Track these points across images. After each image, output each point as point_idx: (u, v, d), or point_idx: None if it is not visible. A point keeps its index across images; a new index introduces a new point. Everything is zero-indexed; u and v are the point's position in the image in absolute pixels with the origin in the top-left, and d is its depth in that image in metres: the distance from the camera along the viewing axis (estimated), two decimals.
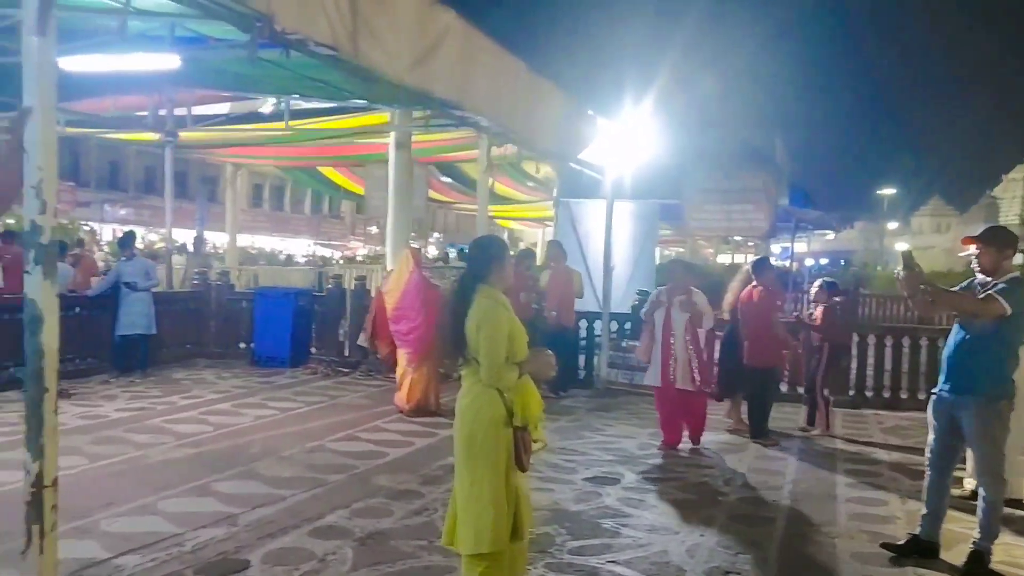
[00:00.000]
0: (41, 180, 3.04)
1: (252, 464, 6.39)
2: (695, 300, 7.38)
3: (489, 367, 3.46)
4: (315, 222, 49.97)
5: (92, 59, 7.30)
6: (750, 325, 7.99)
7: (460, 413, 3.62)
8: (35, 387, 3.10)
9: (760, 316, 7.90)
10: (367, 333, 9.47)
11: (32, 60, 3.01)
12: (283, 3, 4.15)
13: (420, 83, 5.71)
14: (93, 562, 4.29)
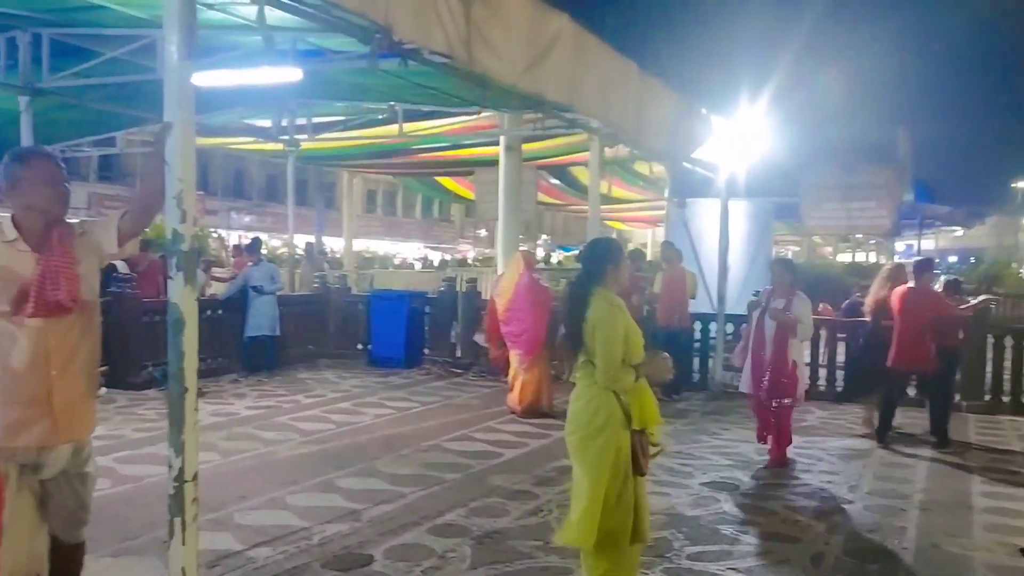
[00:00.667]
0: (181, 191, 3.19)
1: (372, 461, 6.59)
2: (792, 307, 6.70)
3: (605, 369, 3.45)
4: (425, 226, 51.03)
5: (221, 74, 7.68)
6: (904, 326, 7.61)
7: (575, 415, 3.62)
8: (177, 386, 3.25)
9: (915, 318, 7.51)
10: (485, 334, 9.63)
11: (173, 78, 3.18)
12: (401, 15, 4.26)
13: (532, 87, 5.75)
14: (228, 553, 4.52)
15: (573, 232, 51.15)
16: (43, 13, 8.38)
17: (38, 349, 2.99)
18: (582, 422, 3.55)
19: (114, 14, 8.05)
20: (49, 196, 3.10)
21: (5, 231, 3.04)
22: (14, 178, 3.08)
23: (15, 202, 3.10)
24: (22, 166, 3.11)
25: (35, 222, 3.07)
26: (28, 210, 3.08)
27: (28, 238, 3.04)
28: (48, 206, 3.10)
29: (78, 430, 3.17)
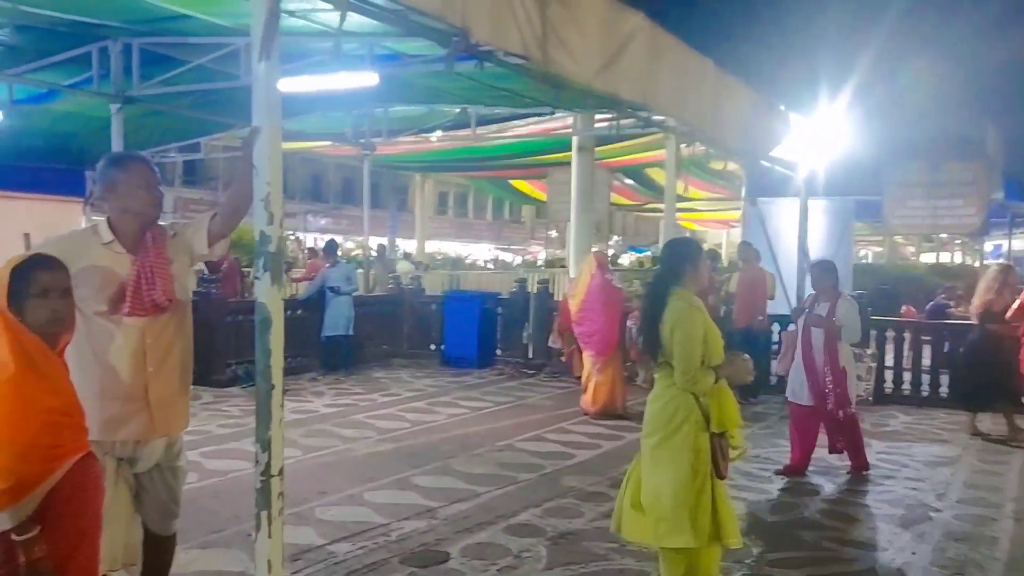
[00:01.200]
0: (269, 194, 3.27)
1: (447, 460, 6.66)
2: (837, 311, 6.36)
3: (684, 371, 3.42)
4: (496, 227, 51.25)
5: (301, 80, 7.87)
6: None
7: (652, 416, 3.59)
8: (264, 383, 3.33)
9: None
10: (556, 334, 9.64)
11: (260, 83, 3.26)
12: (477, 17, 4.29)
13: (607, 87, 5.72)
14: (311, 547, 4.63)
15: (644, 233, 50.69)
16: (134, 23, 8.72)
17: (135, 347, 3.11)
18: (660, 424, 3.52)
19: (200, 23, 8.33)
20: (145, 200, 3.22)
21: (102, 234, 3.18)
22: (112, 182, 3.21)
23: (112, 205, 3.22)
24: (120, 170, 3.23)
25: (130, 225, 3.19)
26: (124, 213, 3.21)
27: (124, 240, 3.17)
28: (144, 209, 3.23)
29: (173, 425, 3.29)
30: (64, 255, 2.76)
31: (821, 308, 6.51)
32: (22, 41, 9.22)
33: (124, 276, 3.09)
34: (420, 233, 28.67)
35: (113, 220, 3.21)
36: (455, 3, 4.07)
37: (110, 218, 3.22)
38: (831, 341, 6.36)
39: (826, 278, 6.63)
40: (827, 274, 6.68)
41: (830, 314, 6.40)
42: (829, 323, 6.36)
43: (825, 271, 6.74)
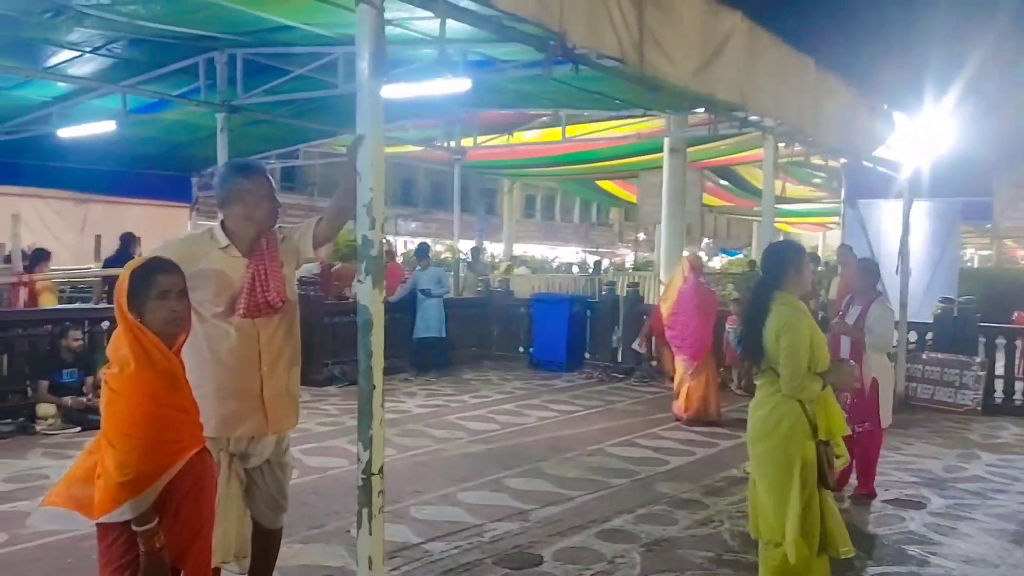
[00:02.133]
0: (371, 199, 3.35)
1: (538, 463, 6.67)
2: (868, 316, 5.87)
3: (791, 377, 3.34)
4: (583, 230, 51.08)
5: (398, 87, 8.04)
6: None
7: (757, 424, 3.52)
8: (365, 384, 3.41)
9: None
10: (642, 338, 9.55)
11: (364, 92, 3.34)
12: (574, 21, 4.29)
13: (703, 87, 5.63)
14: (406, 545, 4.71)
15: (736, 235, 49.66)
16: (239, 35, 9.08)
17: (250, 346, 3.24)
18: (765, 432, 3.44)
19: (302, 33, 8.62)
20: (267, 209, 3.33)
21: (218, 238, 3.31)
22: (238, 190, 3.30)
23: (234, 212, 3.31)
24: (247, 180, 3.33)
25: (248, 230, 3.31)
26: (248, 220, 3.29)
27: (239, 244, 3.29)
28: (267, 219, 3.33)
29: (285, 423, 3.41)
30: (182, 258, 2.88)
31: (854, 312, 6.04)
32: (135, 54, 9.72)
33: (239, 279, 3.21)
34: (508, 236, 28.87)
35: (230, 225, 3.32)
36: (552, 8, 4.08)
37: (225, 222, 3.34)
38: (857, 349, 5.87)
39: (864, 278, 6.18)
40: (866, 274, 6.23)
41: (860, 319, 5.93)
42: (850, 329, 5.92)
43: (865, 270, 6.29)
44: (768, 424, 3.43)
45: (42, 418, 7.48)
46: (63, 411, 7.56)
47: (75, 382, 7.76)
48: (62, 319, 8.31)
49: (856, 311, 6.02)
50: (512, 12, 3.89)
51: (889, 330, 6.01)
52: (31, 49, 9.41)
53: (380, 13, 3.25)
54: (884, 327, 5.90)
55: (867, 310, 5.93)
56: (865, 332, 5.83)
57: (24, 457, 6.53)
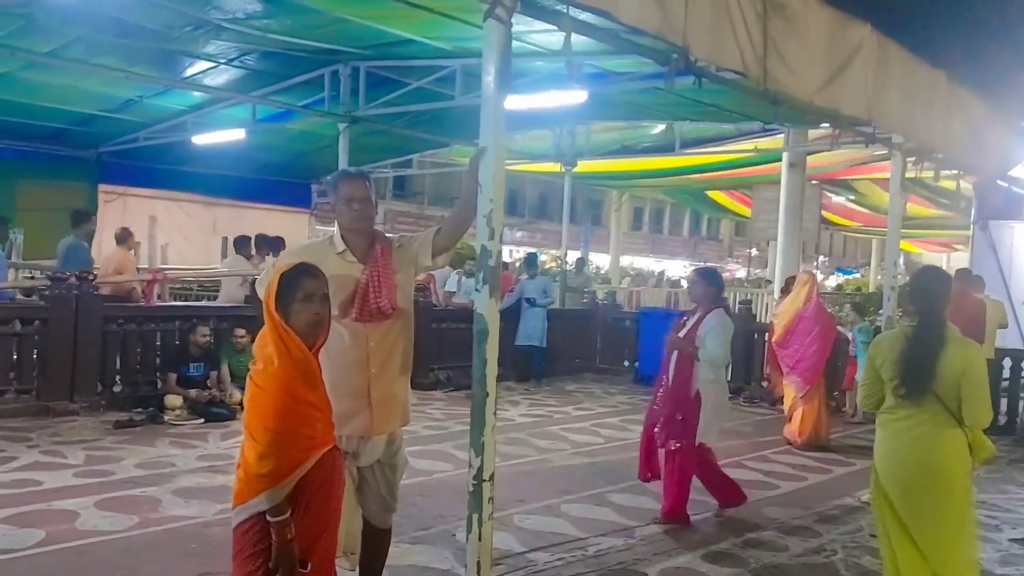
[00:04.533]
0: (491, 211, 3.41)
1: None
2: (702, 327, 5.42)
3: (981, 411, 3.26)
4: (692, 244, 50.25)
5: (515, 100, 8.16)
6: None
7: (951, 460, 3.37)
8: (479, 391, 3.48)
9: None
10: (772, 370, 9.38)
11: (489, 104, 3.41)
12: (697, 34, 4.25)
13: (828, 102, 5.47)
14: (510, 553, 4.74)
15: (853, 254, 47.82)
16: (363, 48, 9.42)
17: (360, 349, 3.36)
18: (949, 469, 3.32)
19: (422, 47, 8.87)
20: (346, 214, 3.43)
21: (336, 244, 3.45)
22: (337, 194, 3.47)
23: (337, 215, 3.50)
24: (343, 184, 3.48)
25: (358, 236, 3.44)
26: (346, 222, 3.45)
27: (354, 250, 3.42)
28: (348, 223, 3.44)
29: (391, 424, 3.50)
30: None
31: (691, 324, 5.60)
32: (265, 66, 10.24)
33: (354, 283, 3.33)
34: (614, 248, 28.70)
35: (343, 230, 3.46)
36: (676, 21, 4.06)
37: (341, 229, 3.48)
38: (686, 363, 5.44)
39: (706, 287, 5.64)
40: (702, 283, 5.68)
41: (693, 331, 5.49)
42: (683, 342, 5.45)
43: (702, 279, 5.73)
44: (943, 453, 3.31)
45: (170, 409, 7.91)
46: (189, 403, 7.98)
47: (201, 376, 8.18)
48: (191, 315, 8.78)
49: (692, 323, 5.60)
50: (636, 26, 3.90)
51: (723, 344, 5.45)
52: (171, 60, 10.04)
53: (508, 28, 3.31)
54: (717, 340, 5.39)
55: (702, 321, 5.50)
56: (697, 346, 5.41)
57: (153, 445, 6.92)
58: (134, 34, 8.76)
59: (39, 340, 7.84)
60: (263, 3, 7.89)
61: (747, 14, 4.51)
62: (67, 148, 13.52)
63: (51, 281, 8.17)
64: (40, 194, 13.30)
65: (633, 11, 3.77)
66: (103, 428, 7.37)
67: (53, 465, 6.10)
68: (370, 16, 7.96)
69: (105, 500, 5.33)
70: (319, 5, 7.74)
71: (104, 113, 11.98)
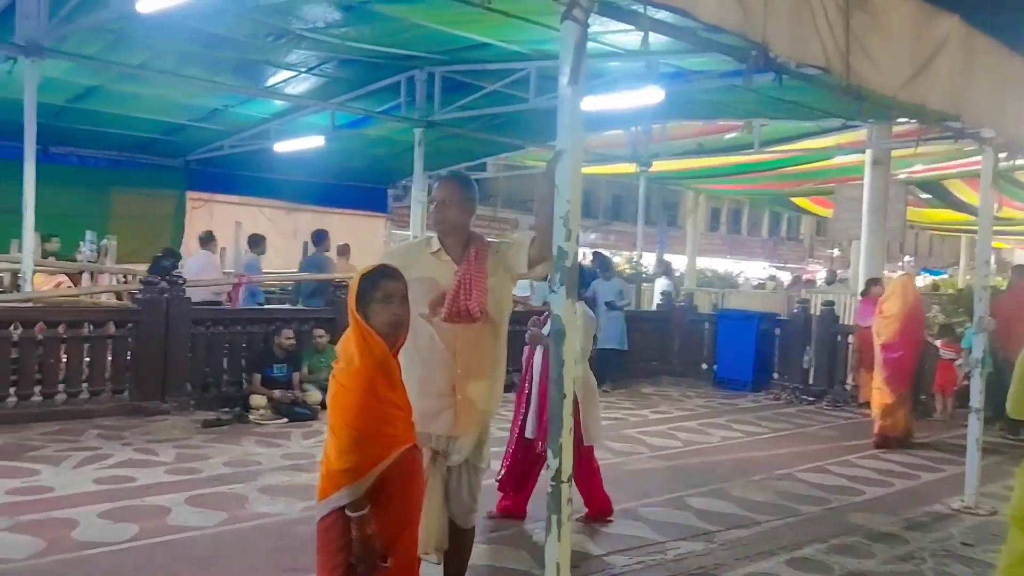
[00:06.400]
0: (568, 212, 3.41)
1: (723, 484, 6.48)
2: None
3: None
4: (771, 245, 49.20)
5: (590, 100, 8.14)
6: None
7: None
8: (557, 392, 3.48)
9: None
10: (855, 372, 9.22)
11: (565, 108, 3.41)
12: (778, 31, 4.17)
13: (914, 97, 5.29)
14: (588, 556, 4.73)
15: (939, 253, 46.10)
16: (439, 53, 9.54)
17: (448, 349, 3.40)
18: None
19: (497, 50, 8.94)
20: (445, 214, 3.52)
21: (432, 244, 3.52)
22: (432, 197, 3.59)
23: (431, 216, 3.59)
24: (437, 187, 3.59)
25: (450, 236, 3.50)
26: (435, 224, 3.55)
27: (450, 251, 3.48)
28: (434, 225, 3.56)
29: (474, 425, 3.54)
30: (402, 262, 3.15)
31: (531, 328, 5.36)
32: (344, 73, 10.47)
33: (445, 284, 3.39)
34: (691, 249, 28.32)
35: (440, 232, 3.54)
36: (755, 18, 3.99)
37: (438, 230, 3.57)
38: (545, 357, 5.12)
39: None
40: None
41: (538, 334, 5.23)
42: (544, 338, 5.00)
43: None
44: None
45: (255, 408, 8.15)
46: (273, 403, 8.21)
47: (284, 377, 8.41)
48: (275, 318, 9.04)
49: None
50: (715, 24, 3.84)
51: (585, 337, 5.24)
52: (254, 70, 10.36)
53: (585, 29, 3.31)
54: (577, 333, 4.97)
55: None
56: None
57: (239, 443, 7.14)
58: (219, 45, 9.09)
59: (132, 342, 8.18)
60: (342, 12, 8.08)
61: (828, 8, 4.41)
62: (157, 157, 14.10)
63: (143, 285, 8.52)
64: (132, 202, 13.91)
65: (712, 9, 3.73)
66: (192, 427, 7.64)
67: (146, 462, 6.36)
68: (446, 21, 8.06)
69: (195, 497, 5.53)
70: (396, 12, 7.88)
71: (191, 123, 12.45)
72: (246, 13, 8.14)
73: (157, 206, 14.43)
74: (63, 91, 10.57)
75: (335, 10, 8.06)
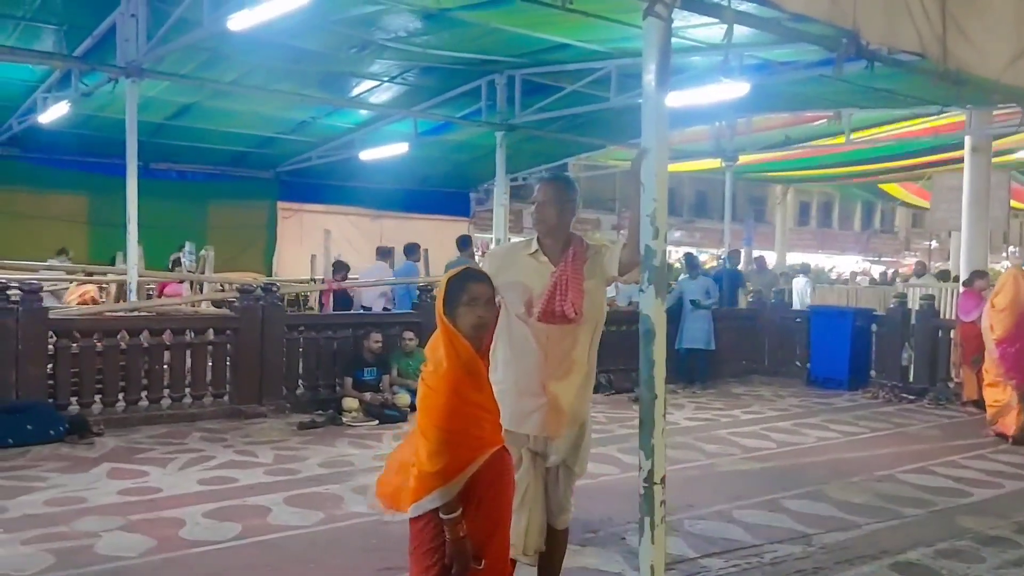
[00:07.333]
0: (655, 210, 3.38)
1: (820, 486, 6.29)
2: None
3: None
4: (863, 238, 47.52)
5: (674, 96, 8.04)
6: None
7: None
8: (648, 393, 3.43)
9: None
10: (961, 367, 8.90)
11: (649, 104, 3.38)
12: (869, 16, 4.03)
13: (1016, 80, 5.04)
14: (683, 559, 4.66)
15: None
16: (518, 56, 9.58)
17: (541, 349, 3.41)
18: None
19: (576, 51, 8.92)
20: (544, 215, 3.53)
21: (531, 245, 3.55)
22: (534, 198, 3.61)
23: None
24: (539, 188, 3.63)
25: (549, 238, 3.51)
26: (536, 224, 3.57)
27: (548, 252, 3.49)
28: (536, 225, 3.56)
29: (561, 427, 3.52)
30: (501, 263, 3.32)
31: None
32: (425, 81, 10.64)
33: (543, 284, 3.40)
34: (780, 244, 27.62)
35: (539, 233, 3.56)
36: (845, 4, 3.87)
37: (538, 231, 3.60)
38: None
39: None
40: None
41: None
42: None
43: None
44: None
45: (347, 411, 8.34)
46: (364, 405, 8.39)
47: (374, 380, 8.58)
48: (364, 323, 9.23)
49: None
50: (802, 13, 3.74)
51: None
52: (339, 81, 10.63)
53: (668, 25, 3.27)
54: None
55: None
56: None
57: (333, 445, 7.32)
58: (306, 59, 9.36)
59: (231, 348, 8.48)
60: (423, 20, 8.21)
61: None
62: (249, 170, 14.62)
63: (240, 293, 8.83)
64: (227, 213, 14.46)
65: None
66: (288, 429, 7.87)
67: (246, 464, 6.58)
68: (524, 24, 8.09)
69: (293, 497, 5.69)
70: (475, 18, 7.95)
71: (280, 135, 12.86)
72: (330, 26, 8.35)
73: (250, 217, 14.95)
74: (161, 109, 11.07)
75: (416, 19, 8.19)
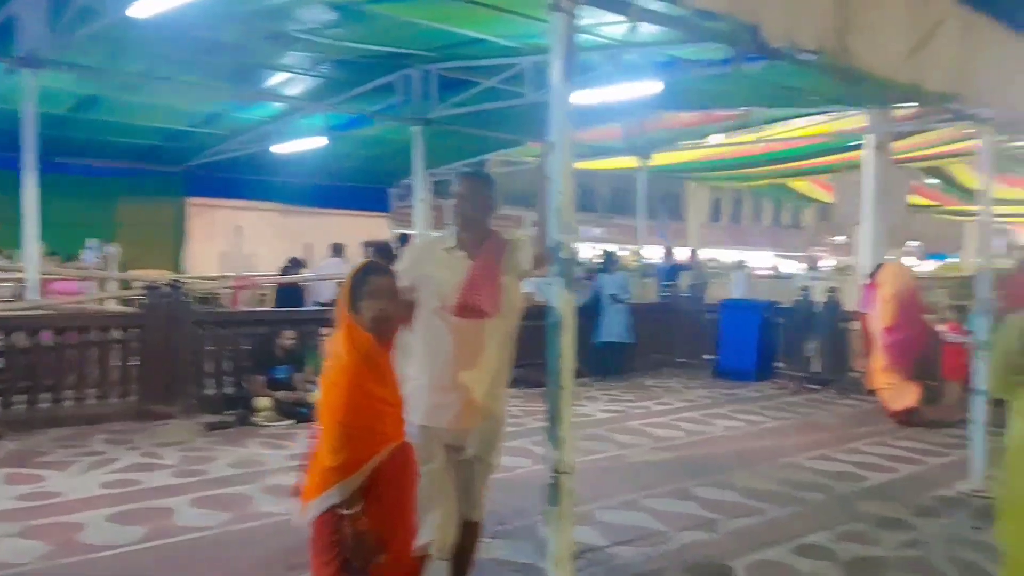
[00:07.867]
0: (561, 203, 3.40)
1: (726, 473, 6.47)
2: None
3: None
4: (774, 233, 49.01)
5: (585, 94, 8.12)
6: None
7: None
8: (554, 385, 3.46)
9: None
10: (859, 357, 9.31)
11: (556, 100, 3.40)
12: (769, 12, 4.14)
13: (912, 77, 5.25)
14: (593, 547, 4.73)
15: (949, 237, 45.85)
16: (432, 51, 9.53)
17: (455, 343, 3.39)
18: None
19: (491, 46, 8.92)
20: (461, 209, 3.50)
21: (447, 240, 3.51)
22: (452, 192, 3.58)
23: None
24: (457, 183, 3.59)
25: (470, 232, 3.49)
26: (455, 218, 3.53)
27: (466, 246, 3.47)
28: (457, 217, 3.53)
29: (475, 421, 3.52)
30: (418, 256, 3.37)
31: None
32: (339, 74, 10.46)
33: (457, 279, 3.38)
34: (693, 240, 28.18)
35: (458, 227, 3.53)
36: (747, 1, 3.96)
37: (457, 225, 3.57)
38: None
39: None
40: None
41: None
42: None
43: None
44: None
45: (259, 410, 8.15)
46: (277, 404, 8.21)
47: (287, 378, 8.41)
48: (276, 320, 9.04)
49: None
50: (704, 8, 3.81)
51: None
52: (251, 73, 10.37)
53: (573, 20, 3.29)
54: None
55: None
56: None
57: (244, 445, 7.15)
58: (216, 50, 9.10)
59: (137, 347, 8.19)
60: (336, 12, 8.07)
61: None
62: (158, 165, 14.12)
63: (146, 291, 8.53)
64: (136, 209, 13.96)
65: None
66: (198, 430, 7.65)
67: (152, 466, 6.37)
68: (436, 17, 8.06)
69: (200, 498, 5.54)
70: (387, 11, 7.87)
71: (191, 128, 12.47)
72: (241, 17, 8.14)
73: (160, 213, 14.47)
74: (65, 101, 10.60)
75: (328, 11, 8.05)
